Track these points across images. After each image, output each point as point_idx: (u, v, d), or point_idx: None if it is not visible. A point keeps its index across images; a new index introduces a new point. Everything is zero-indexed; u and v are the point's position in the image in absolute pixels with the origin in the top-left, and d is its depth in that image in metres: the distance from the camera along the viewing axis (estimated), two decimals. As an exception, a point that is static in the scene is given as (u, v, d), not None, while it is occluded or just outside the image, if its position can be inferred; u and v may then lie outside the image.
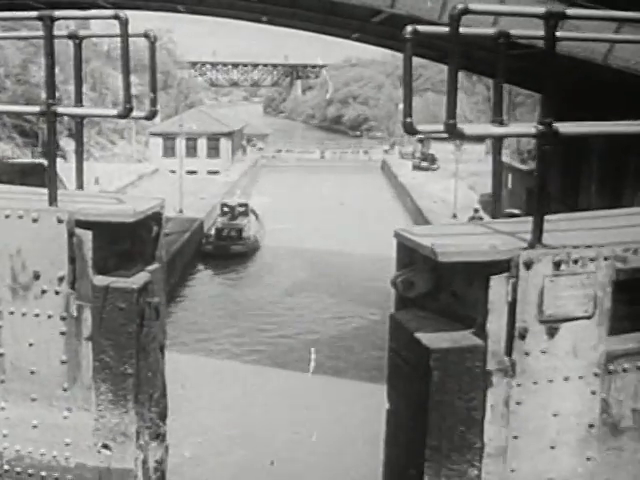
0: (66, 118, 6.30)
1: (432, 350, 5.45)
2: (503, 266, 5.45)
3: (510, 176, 45.55)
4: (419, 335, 5.61)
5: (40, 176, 34.30)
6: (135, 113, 6.25)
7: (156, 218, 6.61)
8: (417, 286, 5.86)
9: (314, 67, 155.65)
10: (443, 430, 5.52)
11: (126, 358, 6.11)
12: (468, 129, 5.46)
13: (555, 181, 35.62)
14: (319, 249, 43.71)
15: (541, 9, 5.55)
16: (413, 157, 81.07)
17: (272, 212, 52.98)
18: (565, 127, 5.74)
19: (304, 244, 44.87)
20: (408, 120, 5.44)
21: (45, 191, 6.59)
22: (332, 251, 42.86)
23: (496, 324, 5.48)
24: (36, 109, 6.36)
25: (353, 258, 41.27)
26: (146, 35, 6.45)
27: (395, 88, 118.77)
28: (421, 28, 5.60)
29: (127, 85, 6.03)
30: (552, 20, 5.46)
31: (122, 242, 6.52)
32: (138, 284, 6.16)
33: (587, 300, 5.58)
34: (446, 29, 5.89)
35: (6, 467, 6.41)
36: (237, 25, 46.08)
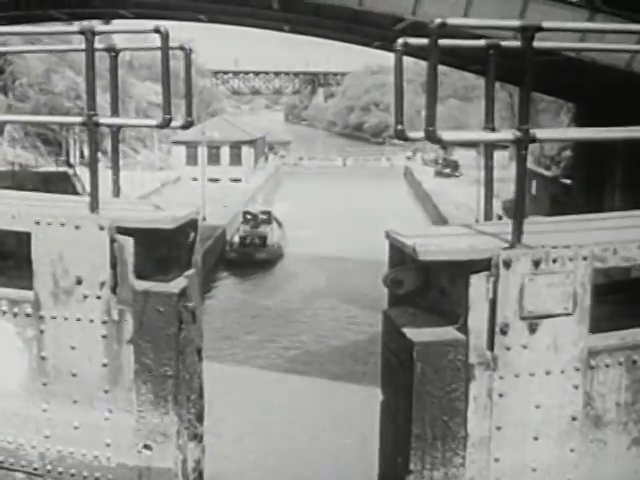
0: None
1: (415, 343, 5.73)
2: (483, 265, 5.69)
3: (534, 182, 45.44)
4: (405, 330, 5.90)
5: (63, 184, 34.46)
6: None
7: (192, 225, 6.79)
8: (406, 284, 6.16)
9: (335, 75, 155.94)
10: (426, 419, 5.76)
11: (166, 360, 6.28)
12: (446, 135, 5.74)
13: (579, 189, 35.63)
14: (341, 256, 43.75)
15: (516, 22, 5.79)
16: (436, 164, 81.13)
17: (294, 219, 53.09)
18: (542, 133, 5.98)
19: (326, 251, 44.91)
20: (399, 127, 5.72)
21: (83, 199, 6.79)
22: (354, 258, 42.88)
23: (478, 320, 5.71)
24: (78, 119, 6.56)
25: (374, 265, 41.28)
26: (182, 47, 6.65)
27: (417, 95, 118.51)
28: (411, 40, 5.88)
29: (167, 96, 6.22)
30: (528, 32, 5.67)
31: (161, 248, 6.71)
32: (177, 288, 6.33)
33: (566, 298, 5.78)
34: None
35: (48, 467, 6.59)
36: (259, 34, 46.38)
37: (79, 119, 6.50)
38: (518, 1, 23.42)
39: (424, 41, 5.69)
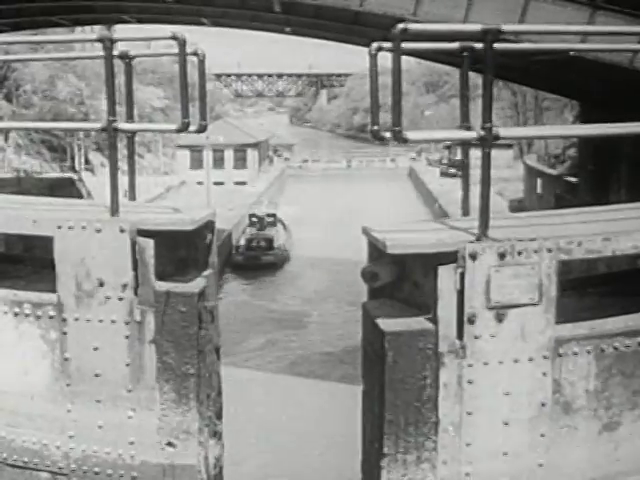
0: (93, 133, 6.65)
1: (386, 333, 5.96)
2: (451, 257, 5.89)
3: (539, 181, 45.54)
4: (378, 320, 6.13)
5: (68, 189, 34.70)
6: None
7: (210, 226, 6.93)
8: (381, 277, 6.37)
9: (339, 76, 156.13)
10: (399, 405, 5.96)
11: (187, 359, 6.41)
12: (412, 135, 5.99)
13: (585, 187, 35.72)
14: (347, 258, 43.75)
15: (478, 26, 5.92)
16: (440, 164, 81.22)
17: (299, 222, 53.24)
18: (506, 131, 6.16)
19: (331, 254, 44.99)
20: (375, 128, 5.99)
21: (101, 203, 6.94)
22: (359, 260, 42.82)
23: (447, 310, 5.92)
24: (97, 126, 6.72)
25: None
26: (195, 53, 6.81)
27: (420, 95, 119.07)
28: (386, 45, 6.09)
29: (185, 101, 6.37)
30: (489, 36, 5.85)
31: (180, 249, 6.86)
32: (197, 288, 6.47)
33: (532, 288, 5.95)
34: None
35: (73, 466, 6.71)
36: (261, 36, 46.56)
37: (98, 125, 6.66)
38: (519, 0, 23.55)
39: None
